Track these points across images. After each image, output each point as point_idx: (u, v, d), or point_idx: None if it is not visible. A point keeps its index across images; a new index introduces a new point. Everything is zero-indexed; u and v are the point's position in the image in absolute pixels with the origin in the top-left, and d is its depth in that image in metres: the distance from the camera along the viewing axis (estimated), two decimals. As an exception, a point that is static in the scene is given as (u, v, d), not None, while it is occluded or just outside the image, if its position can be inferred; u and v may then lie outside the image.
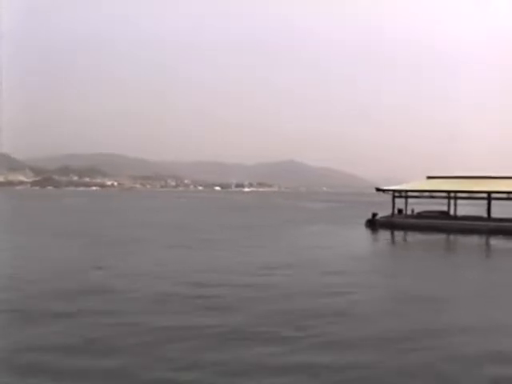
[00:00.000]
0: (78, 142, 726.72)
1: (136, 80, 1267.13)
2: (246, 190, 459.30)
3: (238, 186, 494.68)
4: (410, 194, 52.69)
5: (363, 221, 50.45)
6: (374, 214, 50.25)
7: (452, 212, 51.72)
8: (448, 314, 15.61)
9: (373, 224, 48.96)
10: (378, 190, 53.28)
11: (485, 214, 49.29)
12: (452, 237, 42.81)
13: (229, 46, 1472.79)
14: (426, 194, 52.14)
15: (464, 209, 54.41)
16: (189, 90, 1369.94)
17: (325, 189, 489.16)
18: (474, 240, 40.54)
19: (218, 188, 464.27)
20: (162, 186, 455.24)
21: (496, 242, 39.45)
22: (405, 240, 42.65)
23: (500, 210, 53.56)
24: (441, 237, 42.77)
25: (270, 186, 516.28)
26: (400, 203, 52.52)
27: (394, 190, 51.74)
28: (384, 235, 43.87)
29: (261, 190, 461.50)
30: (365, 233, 45.19)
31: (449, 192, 50.32)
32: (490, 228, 43.87)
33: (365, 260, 28.21)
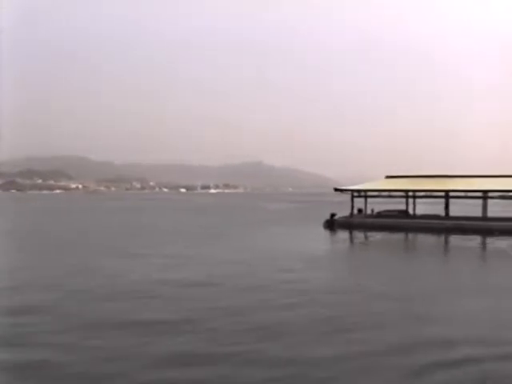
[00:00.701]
0: (42, 145, 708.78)
1: (98, 80, 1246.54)
2: (212, 191, 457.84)
3: (203, 187, 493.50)
4: (369, 193, 52.45)
5: (323, 221, 49.64)
6: (333, 215, 49.53)
7: (411, 211, 51.65)
8: (394, 308, 15.93)
9: (331, 224, 48.22)
10: (337, 190, 52.64)
11: (443, 213, 49.48)
12: (410, 235, 42.40)
13: (201, 44, 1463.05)
14: (385, 193, 51.86)
15: (424, 208, 54.46)
16: (154, 91, 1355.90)
17: (291, 189, 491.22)
18: (431, 238, 40.24)
19: (183, 190, 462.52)
20: (127, 189, 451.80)
21: (452, 239, 39.38)
22: (361, 240, 41.91)
23: (459, 208, 53.93)
24: (399, 236, 42.26)
25: (236, 187, 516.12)
26: (362, 203, 52.30)
27: (352, 190, 51.20)
28: (341, 235, 43.30)
29: (227, 191, 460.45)
30: (322, 233, 44.24)
31: (407, 191, 50.12)
32: (448, 226, 43.77)
33: (314, 260, 27.08)
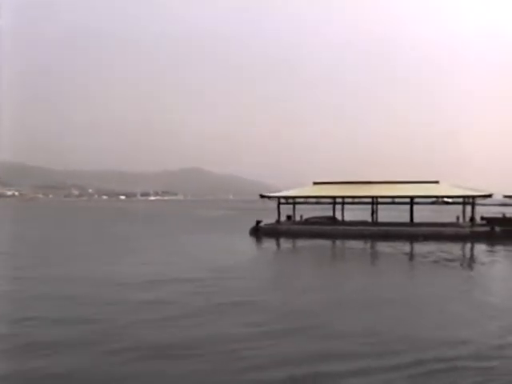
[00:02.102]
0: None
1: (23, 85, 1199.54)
2: (152, 198, 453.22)
3: (143, 194, 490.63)
4: (297, 200, 51.39)
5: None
6: (258, 222, 47.84)
7: (340, 217, 50.96)
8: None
9: (256, 232, 46.54)
10: (263, 196, 51.02)
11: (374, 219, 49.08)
12: (335, 242, 41.26)
13: (137, 45, 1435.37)
14: (313, 199, 50.92)
15: (354, 214, 53.88)
16: (90, 96, 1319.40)
17: (231, 197, 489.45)
18: (355, 245, 39.17)
19: (122, 197, 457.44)
20: (65, 196, 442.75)
21: (375, 246, 38.58)
22: (282, 247, 40.40)
23: (390, 214, 53.92)
24: (324, 242, 40.89)
25: (175, 194, 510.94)
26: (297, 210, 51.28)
27: (278, 197, 49.84)
28: (265, 243, 41.59)
29: (166, 198, 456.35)
30: (247, 241, 42.43)
31: (334, 197, 49.28)
32: (374, 232, 43.05)
33: (221, 270, 25.47)
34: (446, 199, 56.62)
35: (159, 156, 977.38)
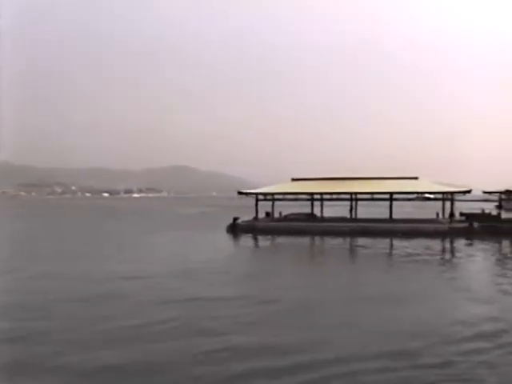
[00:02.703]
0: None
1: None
2: (136, 195, 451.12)
3: (127, 192, 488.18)
4: (274, 196, 50.65)
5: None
6: (235, 219, 46.86)
7: (319, 214, 50.35)
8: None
9: (234, 229, 45.60)
10: (240, 193, 50.07)
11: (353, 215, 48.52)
12: (313, 239, 40.34)
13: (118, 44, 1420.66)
14: (291, 196, 50.22)
15: (334, 210, 53.26)
16: (77, 95, 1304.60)
17: (214, 193, 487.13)
18: (333, 241, 38.21)
19: (106, 194, 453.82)
20: (48, 194, 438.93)
21: (352, 242, 37.77)
22: (258, 244, 39.52)
23: (370, 210, 53.54)
24: (301, 239, 39.97)
25: (159, 191, 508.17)
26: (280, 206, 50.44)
27: (256, 193, 48.94)
28: (242, 240, 40.65)
29: (150, 195, 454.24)
30: (223, 238, 41.47)
31: (312, 194, 48.57)
32: (352, 229, 42.36)
33: (197, 266, 24.92)
34: (427, 195, 56.42)
35: (145, 154, 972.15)
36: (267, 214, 52.74)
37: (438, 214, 50.13)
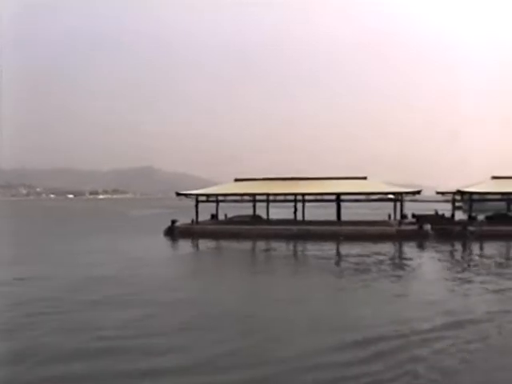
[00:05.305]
0: None
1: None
2: (101, 197, 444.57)
3: (92, 193, 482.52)
4: (218, 197, 47.89)
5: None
6: (174, 221, 43.92)
7: (266, 215, 47.85)
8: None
9: (172, 232, 42.81)
10: (179, 194, 47.00)
11: (299, 217, 46.31)
12: (254, 242, 37.87)
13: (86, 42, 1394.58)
14: (235, 197, 47.55)
15: (284, 212, 50.68)
16: (39, 92, 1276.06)
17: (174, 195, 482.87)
18: (272, 245, 36.15)
19: (71, 196, 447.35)
20: (12, 195, 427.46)
21: (289, 246, 36.12)
22: (190, 248, 37.48)
23: (323, 212, 51.35)
24: (241, 243, 37.37)
25: (125, 192, 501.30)
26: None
27: (196, 195, 45.99)
28: (178, 244, 38.70)
29: (115, 196, 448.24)
30: (160, 242, 38.89)
31: (254, 195, 45.82)
32: (293, 232, 39.88)
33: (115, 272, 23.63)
34: (389, 196, 54.08)
35: (113, 154, 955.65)
36: (212, 216, 50.00)
37: (389, 216, 48.02)
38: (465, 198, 48.81)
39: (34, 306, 16.45)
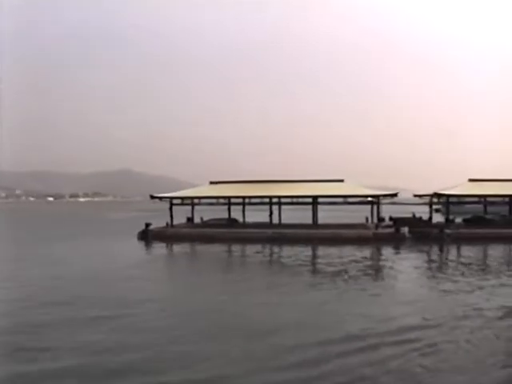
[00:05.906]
0: None
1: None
2: (81, 200, 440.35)
3: (72, 196, 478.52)
4: (193, 200, 46.97)
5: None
6: (148, 225, 42.91)
7: (243, 218, 47.31)
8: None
9: (145, 236, 41.84)
10: (153, 197, 45.97)
11: (275, 221, 45.82)
12: (228, 246, 37.08)
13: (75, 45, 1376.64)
14: (210, 200, 46.64)
15: (261, 215, 49.88)
16: (24, 95, 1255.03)
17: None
18: (246, 249, 35.57)
19: (50, 199, 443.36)
20: None
21: (263, 249, 35.01)
22: (161, 252, 36.13)
23: (300, 214, 50.60)
24: (213, 247, 36.46)
25: (105, 195, 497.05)
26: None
27: (171, 197, 44.95)
28: (151, 248, 37.47)
29: (96, 199, 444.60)
30: (133, 246, 37.92)
31: (229, 197, 44.98)
32: (268, 236, 39.16)
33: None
34: (370, 198, 53.59)
35: (94, 157, 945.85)
36: (188, 219, 49.11)
37: (367, 219, 47.57)
38: (442, 201, 48.36)
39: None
